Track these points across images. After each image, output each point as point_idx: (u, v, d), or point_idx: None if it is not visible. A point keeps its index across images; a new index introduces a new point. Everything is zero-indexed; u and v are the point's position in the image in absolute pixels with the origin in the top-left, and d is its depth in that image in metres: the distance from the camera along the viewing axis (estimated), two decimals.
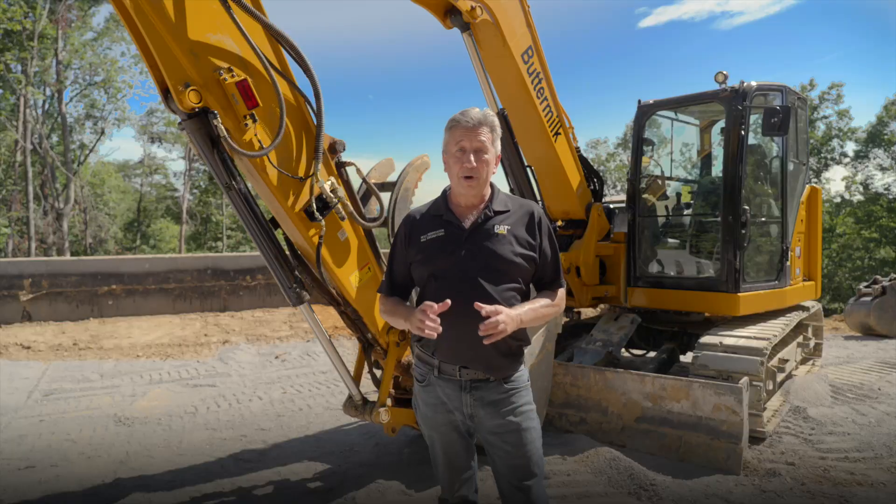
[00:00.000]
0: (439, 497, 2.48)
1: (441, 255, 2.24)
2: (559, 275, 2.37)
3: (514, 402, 2.27)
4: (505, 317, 2.04)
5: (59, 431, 5.13)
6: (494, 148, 2.24)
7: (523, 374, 2.35)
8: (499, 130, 2.26)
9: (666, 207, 6.29)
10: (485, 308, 2.03)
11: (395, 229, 3.67)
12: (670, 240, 6.02)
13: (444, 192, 2.38)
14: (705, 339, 4.78)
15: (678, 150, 6.99)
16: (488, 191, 2.31)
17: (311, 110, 3.23)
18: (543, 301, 2.28)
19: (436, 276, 2.24)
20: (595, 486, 3.83)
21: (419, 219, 2.35)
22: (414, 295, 2.51)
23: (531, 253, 2.26)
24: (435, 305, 2.05)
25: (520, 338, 2.28)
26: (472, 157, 2.17)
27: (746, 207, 5.11)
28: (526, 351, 2.40)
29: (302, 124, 3.21)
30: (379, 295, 2.48)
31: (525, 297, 2.29)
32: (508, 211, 2.29)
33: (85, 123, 28.81)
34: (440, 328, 2.04)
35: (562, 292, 2.37)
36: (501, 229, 2.23)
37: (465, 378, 2.24)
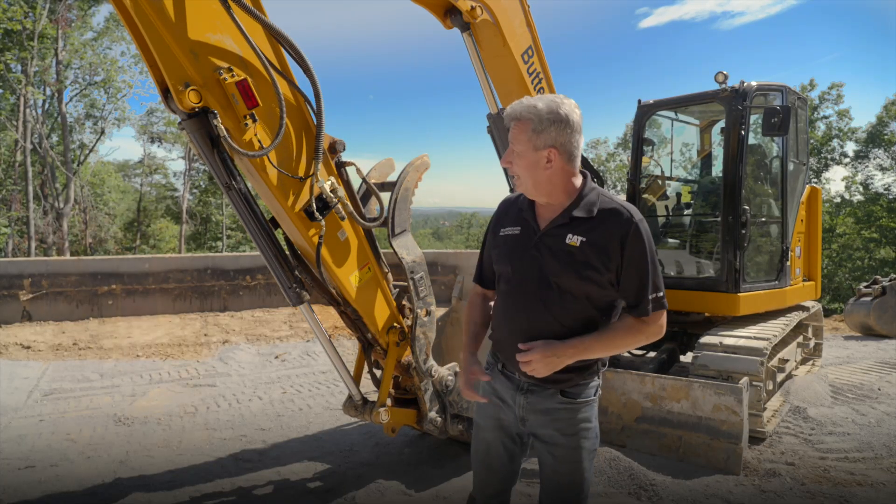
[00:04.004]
0: (470, 493, 2.36)
1: (511, 255, 2.03)
2: (644, 299, 1.91)
3: (571, 415, 2.02)
4: (535, 364, 1.89)
5: (59, 431, 5.13)
6: (533, 143, 1.89)
7: (590, 387, 2.05)
8: (537, 119, 1.87)
9: (666, 207, 6.29)
10: (521, 351, 1.93)
11: (396, 229, 3.67)
12: (670, 240, 6.02)
13: None
14: (705, 339, 4.78)
15: (678, 150, 7.00)
16: (572, 192, 1.97)
17: (311, 110, 3.23)
18: (619, 331, 1.96)
19: (502, 279, 2.08)
20: (595, 486, 3.83)
21: (508, 207, 2.14)
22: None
23: (602, 273, 1.89)
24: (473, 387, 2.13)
25: None
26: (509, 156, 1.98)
27: (746, 207, 5.11)
28: None
29: (302, 124, 3.21)
30: (473, 285, 2.32)
31: (597, 317, 1.98)
32: (593, 218, 1.92)
33: (85, 123, 28.88)
34: (482, 400, 2.16)
35: (654, 318, 1.94)
36: (573, 240, 1.90)
37: (523, 380, 2.06)
